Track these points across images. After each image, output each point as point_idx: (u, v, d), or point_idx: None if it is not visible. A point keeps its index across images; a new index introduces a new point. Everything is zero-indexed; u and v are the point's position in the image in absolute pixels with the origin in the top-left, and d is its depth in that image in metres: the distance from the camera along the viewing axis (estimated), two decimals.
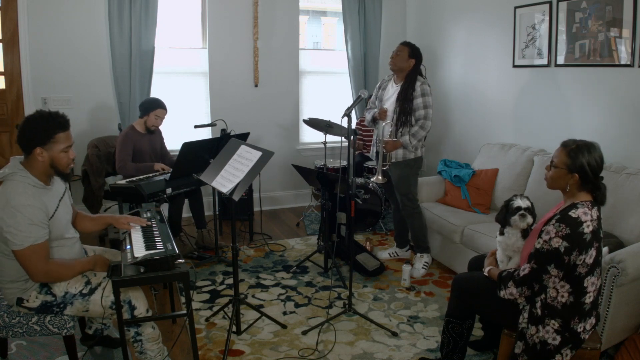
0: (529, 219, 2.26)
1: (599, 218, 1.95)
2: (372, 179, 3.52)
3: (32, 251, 1.94)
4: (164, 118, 3.83)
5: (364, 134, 5.05)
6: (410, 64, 3.43)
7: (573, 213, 1.89)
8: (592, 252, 1.90)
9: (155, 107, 3.76)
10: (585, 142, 2.00)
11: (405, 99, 3.39)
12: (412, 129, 3.41)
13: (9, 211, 1.90)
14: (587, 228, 1.87)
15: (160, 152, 3.99)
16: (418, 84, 3.41)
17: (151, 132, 3.83)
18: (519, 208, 2.26)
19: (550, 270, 1.91)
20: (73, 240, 2.19)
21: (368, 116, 3.64)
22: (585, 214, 1.89)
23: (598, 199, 2.00)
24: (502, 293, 2.07)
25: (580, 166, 1.95)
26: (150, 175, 3.51)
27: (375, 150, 3.68)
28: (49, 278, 2.04)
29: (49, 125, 1.99)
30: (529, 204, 2.28)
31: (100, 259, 2.19)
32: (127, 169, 3.67)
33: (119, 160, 3.69)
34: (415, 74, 3.44)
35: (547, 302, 1.97)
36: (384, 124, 3.45)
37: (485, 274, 2.25)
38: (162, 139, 4.04)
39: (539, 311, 1.98)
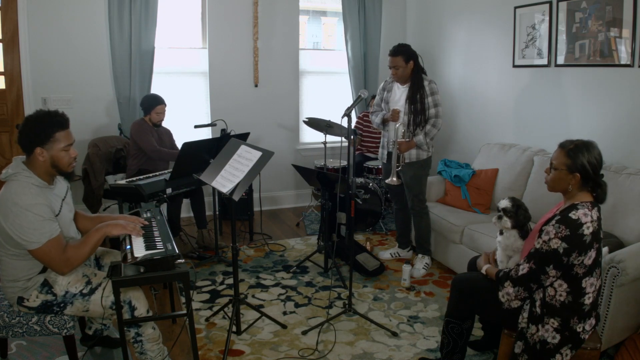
0: (505, 222, 2.28)
1: (599, 219, 1.95)
2: (386, 181, 3.49)
3: (50, 246, 1.94)
4: (165, 112, 3.99)
5: (363, 132, 5.05)
6: (410, 67, 3.41)
7: (573, 214, 1.89)
8: (592, 254, 1.89)
9: (154, 105, 3.91)
10: (582, 141, 2.00)
11: (415, 100, 3.38)
12: (426, 128, 3.43)
13: (18, 211, 1.89)
14: (587, 229, 1.87)
15: (170, 148, 4.07)
16: (426, 83, 3.41)
17: (157, 126, 3.99)
18: (499, 210, 2.30)
19: (548, 271, 1.91)
20: (76, 239, 2.18)
21: (376, 119, 3.61)
22: (585, 215, 1.89)
23: (599, 197, 2.00)
24: (500, 294, 2.06)
25: (580, 165, 1.95)
26: (151, 175, 3.52)
27: (385, 152, 3.66)
28: (72, 264, 2.02)
29: (47, 125, 1.99)
30: (509, 205, 2.29)
31: (106, 227, 2.11)
32: (162, 153, 3.86)
33: (150, 148, 3.82)
34: (419, 72, 3.43)
35: (546, 301, 1.97)
36: (397, 125, 3.41)
37: (483, 272, 2.25)
38: (171, 136, 4.16)
39: (538, 310, 1.99)
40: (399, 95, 3.49)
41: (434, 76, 4.79)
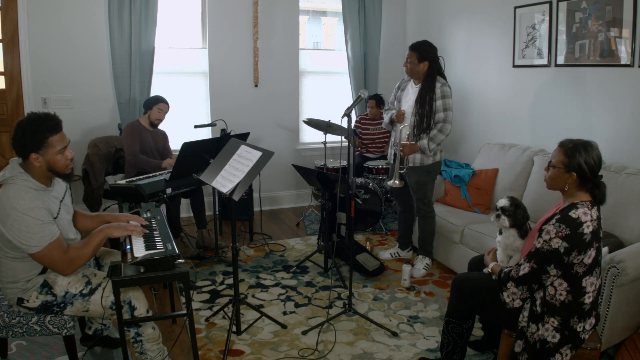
0: (504, 220, 2.28)
1: (599, 218, 1.95)
2: (388, 183, 3.46)
3: (52, 248, 1.94)
4: (166, 112, 3.97)
5: (362, 132, 5.04)
6: (424, 67, 3.33)
7: (573, 213, 1.89)
8: (592, 253, 1.89)
9: (157, 101, 3.91)
10: (582, 141, 2.00)
11: (424, 102, 3.31)
12: (431, 133, 3.33)
13: (16, 216, 1.88)
14: (587, 229, 1.87)
15: (163, 151, 4.04)
16: (438, 85, 3.32)
17: (154, 125, 3.94)
18: (497, 209, 2.30)
19: (549, 270, 1.92)
20: (75, 241, 2.18)
21: (386, 118, 3.59)
22: (585, 214, 1.89)
23: (597, 198, 2.00)
24: (504, 295, 2.06)
25: (577, 165, 1.95)
26: (151, 175, 3.52)
27: (392, 153, 3.61)
28: (75, 266, 2.02)
29: (40, 130, 1.95)
30: (507, 204, 2.29)
31: (108, 229, 2.11)
32: (138, 160, 3.78)
33: (128, 151, 3.79)
34: (433, 75, 3.34)
35: (547, 300, 1.97)
36: (401, 126, 3.38)
37: (489, 270, 2.25)
38: (166, 139, 4.13)
39: (538, 309, 1.99)
40: (411, 95, 3.44)
41: None
